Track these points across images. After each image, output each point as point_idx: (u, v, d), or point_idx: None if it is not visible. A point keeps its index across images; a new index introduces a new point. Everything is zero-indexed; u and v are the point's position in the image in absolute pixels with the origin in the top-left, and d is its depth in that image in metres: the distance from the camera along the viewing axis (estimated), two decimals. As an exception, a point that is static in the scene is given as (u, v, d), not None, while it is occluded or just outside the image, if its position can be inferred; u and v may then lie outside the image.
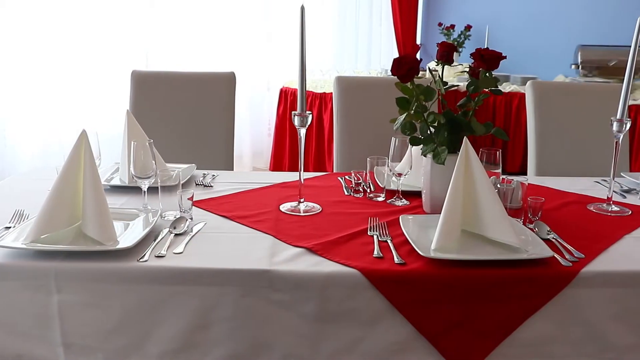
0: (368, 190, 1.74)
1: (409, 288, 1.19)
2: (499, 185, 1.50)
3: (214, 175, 1.89)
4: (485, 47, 4.90)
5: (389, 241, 1.33)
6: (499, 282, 1.21)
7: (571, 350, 1.25)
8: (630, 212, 1.61)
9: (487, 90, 1.50)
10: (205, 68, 2.48)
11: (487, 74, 1.45)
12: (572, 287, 1.22)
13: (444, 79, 1.50)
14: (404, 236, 1.33)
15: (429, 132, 1.51)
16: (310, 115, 1.51)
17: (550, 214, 1.57)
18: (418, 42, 5.56)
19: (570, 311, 1.23)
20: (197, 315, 1.20)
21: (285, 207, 1.57)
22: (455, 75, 4.50)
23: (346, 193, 1.74)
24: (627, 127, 1.60)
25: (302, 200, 1.57)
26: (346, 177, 1.88)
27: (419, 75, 1.46)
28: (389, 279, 1.18)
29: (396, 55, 4.93)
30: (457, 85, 1.55)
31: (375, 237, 1.35)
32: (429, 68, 1.55)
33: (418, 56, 5.54)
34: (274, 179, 1.86)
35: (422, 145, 1.51)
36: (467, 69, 1.51)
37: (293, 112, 1.49)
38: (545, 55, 5.17)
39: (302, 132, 1.52)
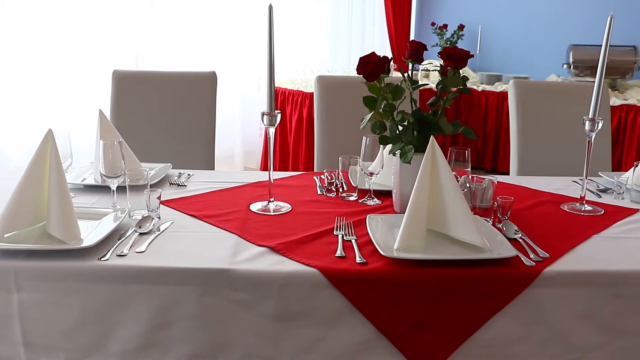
0: (341, 190, 1.73)
1: (369, 288, 1.18)
2: (468, 185, 1.50)
3: (189, 175, 1.89)
4: (478, 46, 4.92)
5: (353, 241, 1.33)
6: (461, 282, 1.20)
7: (535, 350, 1.24)
8: (603, 212, 1.61)
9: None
10: (197, 69, 2.47)
11: (456, 73, 1.44)
12: (536, 286, 1.21)
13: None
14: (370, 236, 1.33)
15: (397, 131, 1.50)
16: (279, 115, 1.50)
17: (521, 213, 1.57)
18: (411, 41, 5.55)
19: (534, 311, 1.22)
20: (158, 314, 1.19)
21: (255, 206, 1.56)
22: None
23: (319, 192, 1.73)
24: (599, 127, 1.59)
25: (272, 199, 1.56)
26: (321, 176, 1.88)
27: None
28: (349, 279, 1.18)
29: (389, 55, 4.92)
30: (427, 84, 1.54)
31: (340, 236, 1.35)
32: (400, 69, 1.54)
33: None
34: (249, 179, 1.85)
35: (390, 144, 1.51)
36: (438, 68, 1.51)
37: (262, 111, 1.49)
38: (538, 54, 5.16)
39: (271, 131, 1.51)
